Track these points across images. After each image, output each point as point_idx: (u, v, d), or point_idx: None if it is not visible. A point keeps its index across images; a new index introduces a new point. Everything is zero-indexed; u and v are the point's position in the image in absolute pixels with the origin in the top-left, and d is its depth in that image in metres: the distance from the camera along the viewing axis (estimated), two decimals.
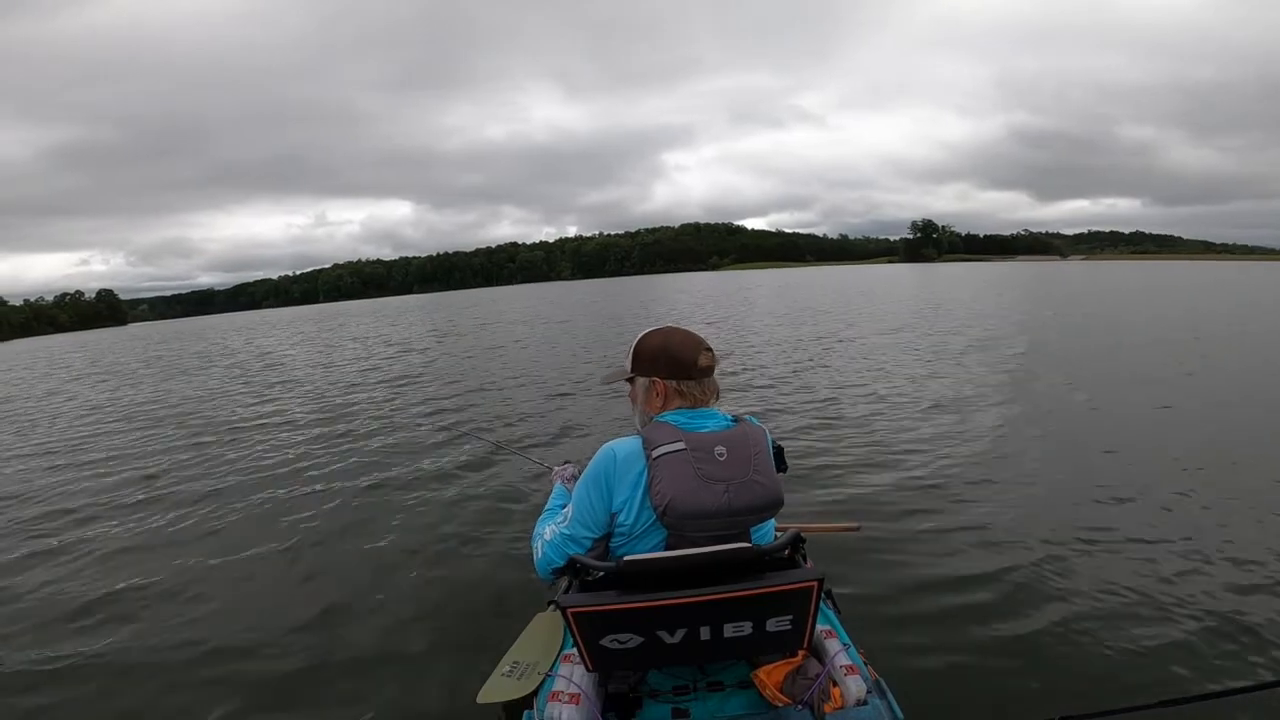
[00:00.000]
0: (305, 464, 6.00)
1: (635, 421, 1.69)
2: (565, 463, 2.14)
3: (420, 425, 7.26)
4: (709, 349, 1.63)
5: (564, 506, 1.67)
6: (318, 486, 5.23)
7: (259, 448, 6.85)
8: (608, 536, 1.57)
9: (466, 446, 5.91)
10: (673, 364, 1.59)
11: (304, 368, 14.50)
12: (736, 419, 1.59)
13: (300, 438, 7.19)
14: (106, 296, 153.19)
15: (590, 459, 1.59)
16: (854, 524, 2.75)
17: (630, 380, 1.70)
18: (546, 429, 6.75)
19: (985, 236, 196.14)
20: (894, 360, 9.91)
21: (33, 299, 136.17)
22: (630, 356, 1.67)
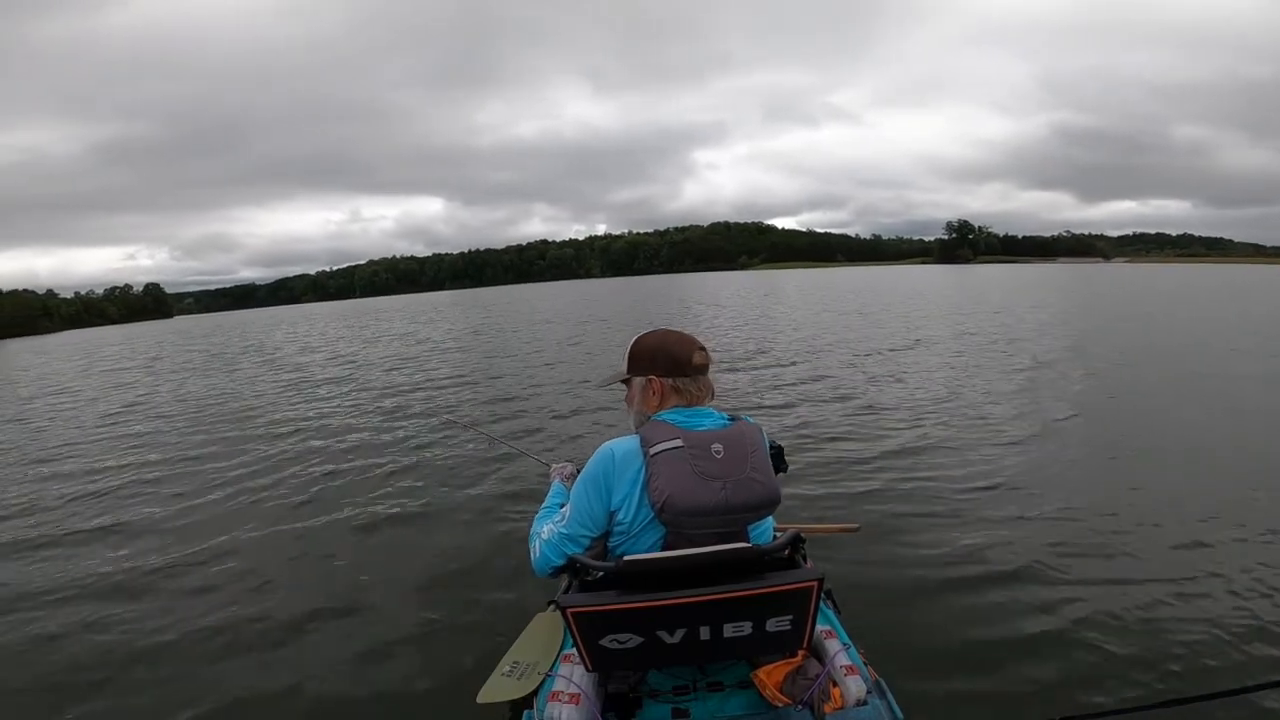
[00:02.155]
0: (304, 457, 6.11)
1: (631, 423, 1.71)
2: (564, 461, 2.16)
3: (421, 422, 7.30)
4: (703, 348, 1.66)
5: (562, 505, 1.69)
6: (315, 482, 5.30)
7: (258, 438, 7.07)
8: (606, 535, 1.59)
9: (467, 443, 5.93)
10: (669, 362, 1.62)
11: (331, 364, 14.74)
12: (733, 417, 1.60)
13: (302, 431, 7.32)
14: (153, 290, 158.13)
15: (589, 458, 1.61)
16: (854, 524, 2.76)
17: (626, 382, 1.72)
18: (548, 427, 6.78)
19: (1024, 237, 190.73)
20: (909, 361, 9.81)
21: (83, 292, 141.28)
22: (627, 357, 1.69)
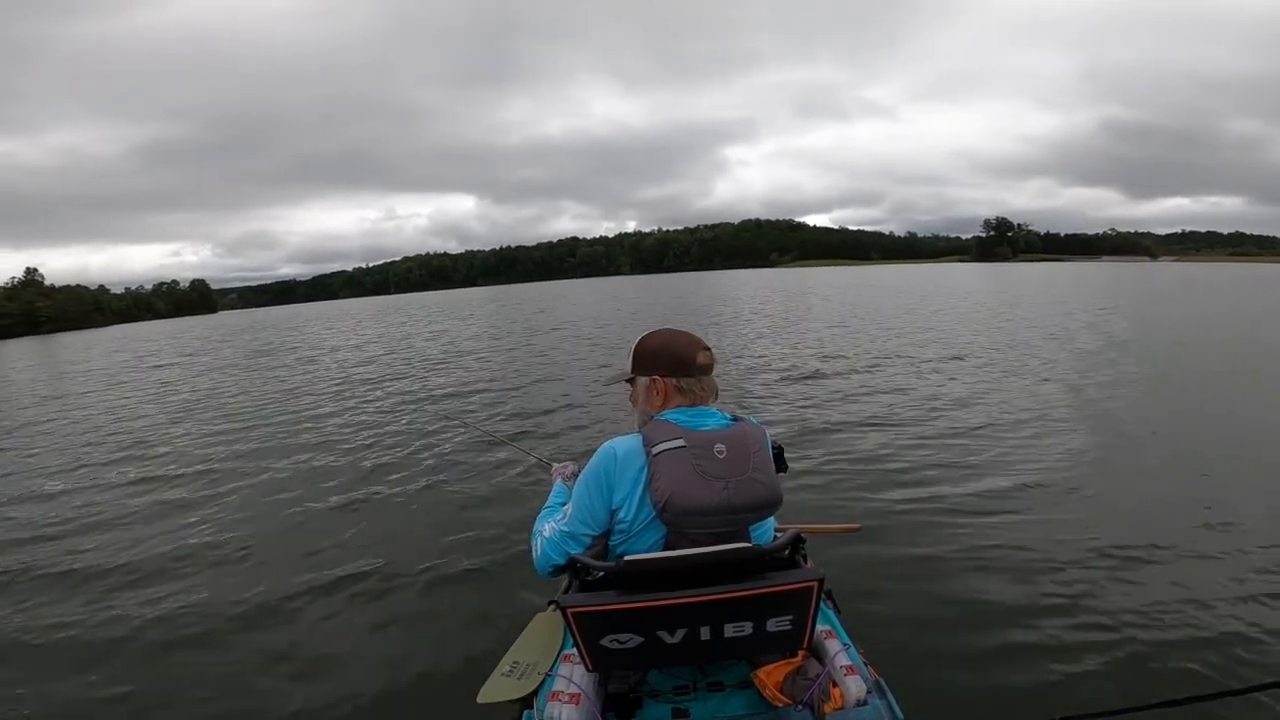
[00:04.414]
0: (303, 455, 6.22)
1: (634, 422, 1.71)
2: (565, 461, 2.16)
3: (422, 421, 7.33)
4: (707, 349, 1.66)
5: (564, 504, 1.70)
6: (312, 479, 5.37)
7: (264, 434, 7.26)
8: (607, 534, 1.59)
9: (468, 442, 5.97)
10: (673, 362, 1.62)
11: (352, 364, 14.83)
12: (735, 418, 1.61)
13: (306, 429, 7.46)
14: (199, 286, 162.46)
15: (590, 457, 1.61)
16: (855, 524, 2.76)
17: (630, 381, 1.72)
18: (550, 427, 6.80)
19: (1066, 235, 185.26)
20: (921, 363, 9.62)
21: (132, 288, 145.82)
22: (630, 357, 1.70)
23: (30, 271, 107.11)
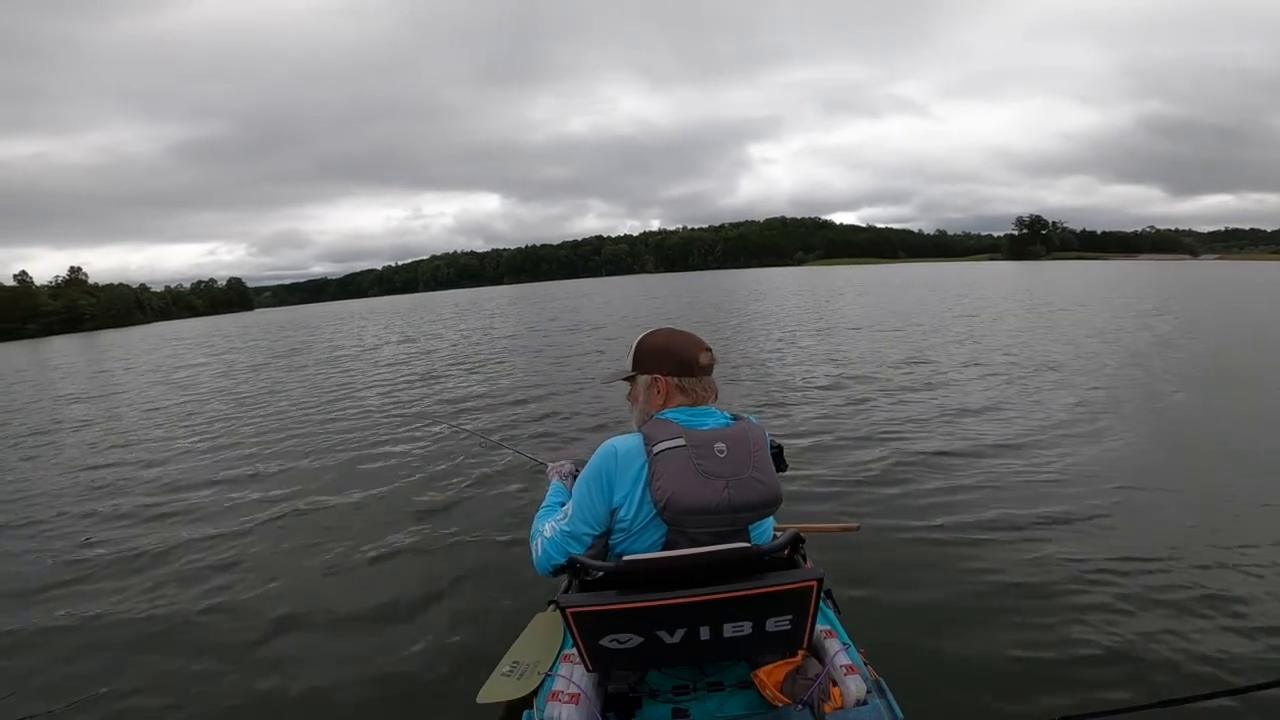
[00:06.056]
0: (304, 454, 6.26)
1: (633, 420, 1.72)
2: (562, 460, 2.14)
3: (421, 423, 7.26)
4: (709, 349, 1.68)
5: (563, 504, 1.70)
6: (312, 478, 5.37)
7: (272, 429, 7.37)
8: (608, 533, 1.60)
9: (461, 443, 5.96)
10: (676, 361, 1.63)
11: (360, 363, 14.79)
12: (736, 417, 1.61)
13: (303, 425, 7.54)
14: (236, 284, 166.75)
15: (590, 456, 1.62)
16: (854, 524, 2.74)
17: (630, 379, 1.73)
18: (550, 425, 6.78)
19: (1103, 233, 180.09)
20: (925, 364, 9.38)
21: (171, 286, 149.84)
22: (632, 355, 1.71)
23: (74, 270, 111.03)
